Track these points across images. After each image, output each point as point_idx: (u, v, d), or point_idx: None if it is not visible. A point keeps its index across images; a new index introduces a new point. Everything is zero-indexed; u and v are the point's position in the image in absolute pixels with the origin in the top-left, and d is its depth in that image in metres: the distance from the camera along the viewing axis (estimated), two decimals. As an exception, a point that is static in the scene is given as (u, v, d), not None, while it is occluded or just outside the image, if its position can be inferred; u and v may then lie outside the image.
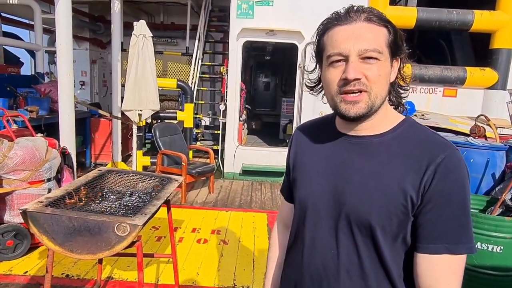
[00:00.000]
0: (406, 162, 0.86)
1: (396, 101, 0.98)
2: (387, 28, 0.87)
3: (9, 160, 3.04)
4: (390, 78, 0.90)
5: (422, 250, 0.85)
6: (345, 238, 0.91)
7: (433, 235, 0.83)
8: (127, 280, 2.93)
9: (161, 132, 5.21)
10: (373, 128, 0.92)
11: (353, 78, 0.83)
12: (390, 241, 0.87)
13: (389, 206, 0.85)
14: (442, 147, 0.86)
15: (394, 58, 0.90)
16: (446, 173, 0.83)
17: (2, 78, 5.69)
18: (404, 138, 0.90)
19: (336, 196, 0.92)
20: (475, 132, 3.77)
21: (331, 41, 0.87)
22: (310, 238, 0.98)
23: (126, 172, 2.56)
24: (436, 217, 0.83)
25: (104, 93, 9.66)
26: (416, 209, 0.85)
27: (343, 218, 0.91)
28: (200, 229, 4.04)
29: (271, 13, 5.86)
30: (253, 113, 9.91)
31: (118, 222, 1.71)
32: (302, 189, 1.02)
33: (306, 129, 1.11)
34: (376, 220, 0.86)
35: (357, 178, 0.90)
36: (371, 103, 0.86)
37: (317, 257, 0.96)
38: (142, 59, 5.10)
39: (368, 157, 0.91)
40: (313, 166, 1.00)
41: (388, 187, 0.86)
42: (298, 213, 1.03)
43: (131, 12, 8.62)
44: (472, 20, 5.65)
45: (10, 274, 2.92)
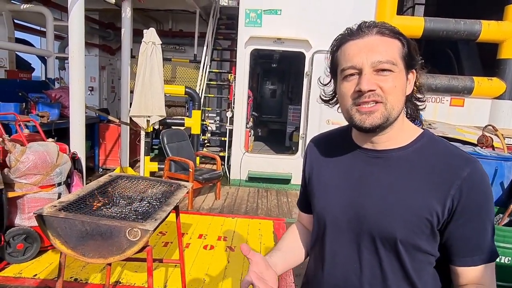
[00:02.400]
0: (429, 176, 0.87)
1: (413, 114, 0.98)
2: (400, 41, 0.87)
3: (21, 164, 3.09)
4: (406, 91, 0.90)
5: (459, 263, 0.88)
6: (367, 252, 0.91)
7: (468, 248, 0.86)
8: (135, 284, 2.95)
9: (169, 138, 5.26)
10: (391, 141, 0.92)
11: (367, 90, 0.84)
12: (414, 255, 0.88)
13: (413, 220, 0.85)
14: (466, 161, 0.87)
15: (410, 71, 0.90)
16: (474, 187, 0.84)
17: (14, 83, 5.80)
18: (425, 152, 0.90)
19: (357, 210, 0.92)
20: (482, 142, 3.77)
21: (344, 55, 0.89)
22: (331, 252, 0.98)
23: (136, 177, 2.60)
24: (469, 231, 0.86)
25: (112, 98, 9.77)
26: (444, 224, 0.86)
27: (365, 233, 0.91)
28: (206, 235, 4.06)
29: (279, 21, 5.92)
30: (259, 120, 9.95)
31: (130, 227, 1.74)
32: (321, 202, 1.01)
33: (322, 141, 1.11)
34: (401, 234, 0.86)
35: (377, 192, 0.90)
36: (387, 114, 0.86)
37: (338, 272, 0.96)
38: (150, 66, 5.18)
39: (389, 171, 0.91)
40: (331, 180, 1.00)
41: (410, 201, 0.86)
42: (317, 227, 1.03)
43: (140, 19, 8.75)
44: (479, 30, 5.67)
45: (19, 277, 2.96)
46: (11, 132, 4.22)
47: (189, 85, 6.90)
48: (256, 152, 7.16)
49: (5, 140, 3.10)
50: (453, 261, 0.88)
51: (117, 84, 9.56)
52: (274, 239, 4.07)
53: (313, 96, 5.91)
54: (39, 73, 10.30)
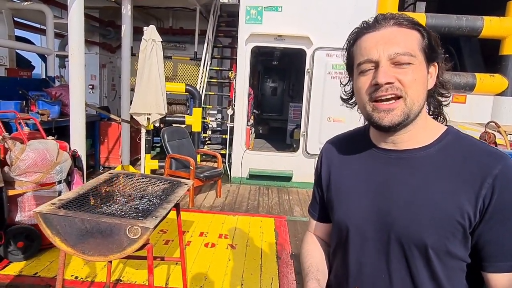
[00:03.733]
0: (457, 176, 0.81)
1: (436, 111, 0.93)
2: (419, 32, 0.82)
3: (21, 162, 3.08)
4: (427, 85, 0.85)
5: (491, 269, 0.81)
6: (396, 261, 0.85)
7: (502, 252, 0.80)
8: (136, 283, 2.94)
9: (169, 136, 5.24)
10: (414, 140, 0.86)
11: (384, 82, 0.79)
12: (446, 262, 0.82)
13: (443, 224, 0.80)
14: (496, 158, 0.80)
15: (431, 64, 0.85)
16: (506, 186, 0.78)
17: (14, 81, 5.78)
18: (451, 150, 0.84)
19: (382, 217, 0.86)
20: (485, 139, 3.74)
21: (360, 49, 0.84)
22: (356, 263, 0.92)
23: (136, 175, 2.58)
24: (502, 233, 0.79)
25: (113, 97, 9.76)
26: (475, 226, 0.80)
27: (393, 240, 0.85)
28: (207, 233, 4.05)
29: (279, 18, 5.89)
30: (260, 118, 9.93)
31: (130, 225, 1.72)
32: (341, 210, 0.95)
33: (337, 143, 1.04)
34: (431, 239, 0.81)
35: (403, 196, 0.84)
36: (408, 110, 0.80)
37: (366, 284, 0.90)
38: (150, 63, 5.16)
39: (413, 172, 0.85)
40: (351, 185, 0.94)
41: (440, 203, 0.80)
42: (338, 237, 0.97)
43: (140, 17, 8.72)
44: (481, 26, 5.63)
45: (20, 275, 2.95)
46: (11, 130, 4.21)
47: (190, 82, 6.88)
48: (257, 149, 7.14)
49: (5, 138, 3.09)
50: (484, 266, 0.81)
51: (117, 82, 9.55)
52: (275, 236, 4.06)
53: (314, 94, 5.88)
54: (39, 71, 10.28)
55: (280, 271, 3.28)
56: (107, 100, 9.51)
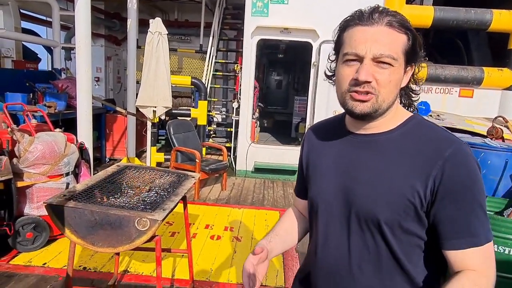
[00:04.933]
0: (414, 158, 0.88)
1: (407, 103, 1.01)
2: (407, 36, 0.88)
3: (29, 154, 3.11)
4: (401, 84, 0.92)
5: (447, 246, 0.87)
6: (355, 235, 0.94)
7: (454, 230, 0.85)
8: (143, 273, 2.98)
9: (175, 129, 5.26)
10: (381, 126, 0.95)
11: (364, 80, 0.86)
12: (400, 237, 0.89)
13: (396, 202, 0.87)
14: (449, 142, 0.87)
15: (409, 65, 0.92)
16: (456, 167, 0.84)
17: (21, 73, 5.82)
18: (411, 135, 0.92)
19: (346, 194, 0.95)
20: (492, 134, 3.72)
21: (350, 40, 0.89)
22: (323, 235, 1.02)
23: (144, 168, 2.60)
24: (454, 213, 0.85)
25: (118, 89, 9.78)
26: (428, 205, 0.86)
27: (353, 216, 0.94)
28: (213, 225, 4.08)
29: (286, 11, 5.85)
30: (265, 111, 9.91)
31: (138, 217, 1.74)
32: (314, 187, 1.05)
33: (318, 129, 1.15)
34: (383, 216, 0.88)
35: (364, 176, 0.93)
36: (377, 106, 0.88)
37: (329, 254, 0.99)
38: (157, 56, 5.16)
39: (375, 154, 0.93)
40: (324, 165, 1.04)
41: (395, 183, 0.88)
42: (311, 211, 1.08)
43: (146, 9, 8.70)
44: (490, 19, 5.56)
45: (29, 265, 3.00)
46: (19, 122, 4.24)
47: (195, 76, 6.87)
48: (262, 143, 7.14)
49: (14, 130, 3.12)
50: (441, 244, 0.88)
51: (123, 75, 9.56)
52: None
53: (320, 87, 5.86)
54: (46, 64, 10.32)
55: (285, 264, 3.30)
56: (112, 93, 9.54)
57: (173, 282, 2.92)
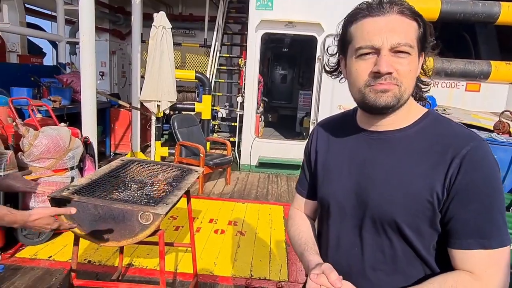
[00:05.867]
0: (430, 157, 0.84)
1: (418, 95, 0.97)
2: (417, 22, 0.85)
3: (34, 148, 3.13)
4: (417, 73, 0.89)
5: (454, 245, 0.83)
6: (369, 237, 0.91)
7: (464, 230, 0.82)
8: (147, 267, 3.00)
9: (179, 123, 5.26)
10: (396, 123, 0.90)
11: (386, 72, 0.81)
12: (417, 236, 0.86)
13: (414, 203, 0.84)
14: (467, 139, 0.83)
15: (422, 53, 0.89)
16: (472, 165, 0.80)
17: (26, 68, 5.83)
18: (427, 132, 0.88)
19: (360, 194, 0.91)
20: (499, 128, 3.68)
21: (362, 32, 0.85)
22: (335, 237, 0.98)
23: (147, 162, 2.61)
24: (465, 212, 0.81)
25: (123, 84, 9.79)
26: (443, 204, 0.83)
27: (367, 217, 0.90)
28: (217, 219, 4.09)
29: (290, 4, 5.80)
30: (270, 106, 9.88)
31: (141, 211, 1.74)
32: (325, 187, 1.01)
33: (327, 125, 1.10)
34: (401, 217, 0.85)
35: (379, 175, 0.89)
36: (400, 96, 0.84)
37: (342, 256, 0.96)
38: (161, 50, 5.15)
39: (390, 152, 0.89)
40: (335, 164, 0.99)
41: (412, 183, 0.84)
42: (322, 212, 1.04)
43: (150, 3, 8.67)
44: (498, 12, 5.48)
45: (35, 259, 3.03)
46: (24, 117, 4.27)
47: (199, 70, 6.86)
48: (267, 137, 7.13)
49: (19, 125, 3.13)
50: (449, 242, 0.84)
51: (127, 69, 9.57)
52: (285, 224, 4.08)
53: (324, 81, 5.82)
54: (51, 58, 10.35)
55: (289, 258, 3.31)
56: (117, 87, 9.55)
57: (176, 276, 2.93)
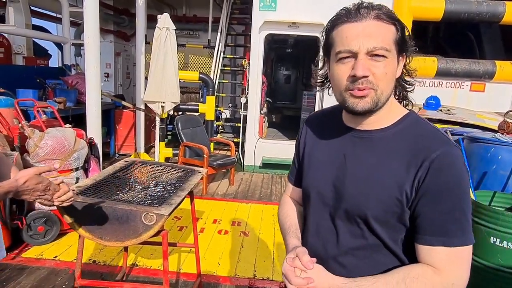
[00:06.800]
0: (404, 157, 0.90)
1: (401, 95, 1.03)
2: (395, 26, 0.89)
3: (40, 149, 3.16)
4: (396, 75, 0.94)
5: (419, 241, 0.90)
6: (343, 225, 0.98)
7: (429, 228, 0.88)
8: (151, 267, 3.02)
9: (183, 124, 5.28)
10: (377, 122, 0.96)
11: (362, 76, 0.86)
12: (387, 229, 0.94)
13: (384, 200, 0.91)
14: (439, 144, 0.89)
15: (401, 55, 0.93)
16: (440, 169, 0.86)
17: (31, 70, 5.89)
18: (404, 134, 0.94)
19: (338, 187, 0.99)
20: (503, 128, 3.66)
21: (341, 38, 0.90)
22: (315, 223, 1.07)
23: (151, 163, 2.63)
24: (430, 211, 0.88)
25: (127, 85, 9.85)
26: (411, 203, 0.90)
27: (342, 208, 0.97)
28: (221, 220, 4.11)
29: (294, 5, 5.81)
30: (273, 106, 9.89)
31: (145, 212, 1.76)
32: (308, 177, 1.09)
33: (316, 120, 1.17)
34: (371, 212, 0.92)
35: (357, 171, 0.96)
36: (377, 99, 0.89)
37: (319, 241, 1.04)
38: (165, 52, 5.18)
39: (369, 151, 0.96)
40: (319, 157, 1.07)
41: (385, 181, 0.91)
42: (305, 200, 1.12)
43: (154, 5, 8.72)
44: (503, 12, 5.45)
45: (41, 258, 3.06)
46: (29, 118, 4.31)
47: (203, 71, 6.88)
48: (270, 138, 7.14)
49: (24, 126, 3.17)
50: (415, 238, 0.91)
51: (132, 71, 9.63)
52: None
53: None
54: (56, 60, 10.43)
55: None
56: (122, 89, 9.61)
57: (180, 276, 2.95)
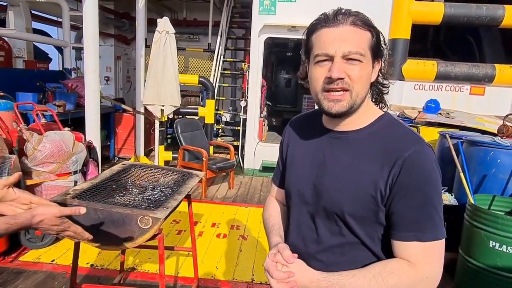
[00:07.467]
0: (379, 157, 0.94)
1: (378, 98, 1.07)
2: (370, 32, 0.94)
3: (38, 152, 3.16)
4: (371, 79, 0.98)
5: (394, 237, 0.95)
6: (322, 223, 1.03)
7: (403, 224, 0.93)
8: (148, 271, 3.00)
9: (182, 128, 5.28)
10: (353, 123, 1.01)
11: (337, 77, 0.91)
12: (363, 226, 0.98)
13: (360, 197, 0.95)
14: (412, 143, 0.93)
15: (376, 60, 0.98)
16: (412, 167, 0.90)
17: (32, 73, 5.90)
18: (379, 134, 0.98)
19: (317, 186, 1.03)
20: (503, 132, 3.64)
21: (319, 41, 0.94)
22: (296, 221, 1.11)
23: (149, 166, 2.62)
24: (403, 208, 0.92)
25: (127, 88, 9.87)
26: (386, 200, 0.94)
27: (321, 206, 1.02)
28: (219, 224, 4.09)
29: (293, 9, 5.83)
30: (273, 110, 9.89)
31: (141, 215, 1.75)
32: (290, 177, 1.14)
33: (298, 122, 1.22)
34: (347, 209, 0.97)
35: (334, 171, 1.00)
36: (353, 102, 0.94)
37: (300, 238, 1.09)
38: (164, 55, 5.18)
39: (346, 151, 1.00)
40: (300, 157, 1.11)
41: (360, 179, 0.95)
42: (287, 199, 1.17)
43: (154, 9, 8.75)
44: (502, 15, 5.45)
45: (38, 262, 3.05)
46: (29, 121, 4.31)
47: (203, 75, 6.89)
48: (270, 141, 7.13)
49: (23, 129, 3.17)
50: (390, 234, 0.95)
51: (132, 74, 9.64)
52: (287, 228, 4.07)
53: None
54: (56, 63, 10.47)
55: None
56: (122, 92, 9.62)
57: (178, 280, 2.93)
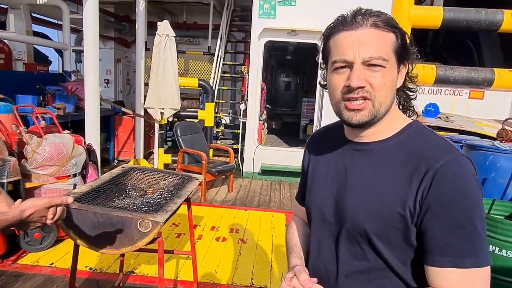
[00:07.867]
0: (406, 170, 0.83)
1: (406, 104, 0.97)
2: (394, 34, 0.84)
3: (38, 155, 3.16)
4: (396, 85, 0.88)
5: (428, 262, 0.81)
6: (344, 246, 0.91)
7: (437, 246, 0.79)
8: (148, 275, 2.99)
9: (182, 131, 5.28)
10: (378, 134, 0.90)
11: (357, 86, 0.82)
12: (391, 248, 0.85)
13: (385, 214, 0.83)
14: (444, 152, 0.81)
15: (402, 64, 0.88)
16: (446, 178, 0.78)
17: (32, 76, 5.90)
18: (406, 144, 0.87)
19: (339, 202, 0.93)
20: (502, 136, 3.65)
21: (337, 46, 0.86)
22: (317, 242, 1.00)
23: (148, 169, 2.62)
24: (436, 228, 0.79)
25: (127, 91, 9.87)
26: (417, 218, 0.81)
27: (344, 226, 0.91)
28: (219, 227, 4.09)
29: (293, 13, 5.84)
30: (273, 113, 9.90)
31: (140, 219, 1.75)
32: (310, 194, 1.04)
33: (319, 135, 1.13)
34: (371, 227, 0.85)
35: (357, 185, 0.90)
36: (375, 112, 0.84)
37: (321, 261, 0.98)
38: (164, 58, 5.19)
39: (369, 163, 0.90)
40: (321, 173, 1.01)
41: (385, 194, 0.84)
42: (308, 218, 1.07)
43: (155, 12, 8.77)
44: (501, 20, 5.47)
45: (37, 265, 3.04)
46: (28, 124, 4.30)
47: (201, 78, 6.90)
48: (270, 145, 7.14)
49: (22, 132, 3.17)
50: (423, 258, 0.82)
51: (132, 77, 9.65)
52: (287, 232, 4.06)
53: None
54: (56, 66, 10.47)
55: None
56: (122, 95, 9.63)
57: (177, 283, 2.92)
